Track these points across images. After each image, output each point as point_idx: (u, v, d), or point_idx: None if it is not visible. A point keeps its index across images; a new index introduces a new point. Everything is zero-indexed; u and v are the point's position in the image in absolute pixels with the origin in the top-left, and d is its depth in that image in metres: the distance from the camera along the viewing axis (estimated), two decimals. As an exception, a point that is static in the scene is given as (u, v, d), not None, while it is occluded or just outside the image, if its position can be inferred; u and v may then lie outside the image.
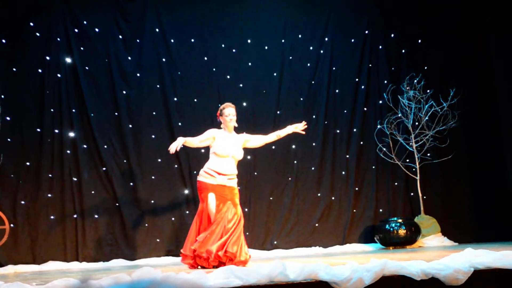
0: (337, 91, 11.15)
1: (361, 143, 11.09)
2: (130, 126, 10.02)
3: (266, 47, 10.93)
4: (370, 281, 4.40)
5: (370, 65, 11.32)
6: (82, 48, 9.95)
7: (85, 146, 9.76)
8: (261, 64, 10.85)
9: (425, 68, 11.26)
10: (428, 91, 10.75)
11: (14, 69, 9.49)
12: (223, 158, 7.03)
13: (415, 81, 10.80)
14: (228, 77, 10.54)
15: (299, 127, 7.56)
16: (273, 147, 10.60)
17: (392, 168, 11.02)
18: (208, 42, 10.62)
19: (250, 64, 10.79)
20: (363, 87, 11.22)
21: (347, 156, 11.01)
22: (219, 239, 6.69)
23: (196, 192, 10.07)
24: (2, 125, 8.94)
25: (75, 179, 9.61)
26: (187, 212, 10.03)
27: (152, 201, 9.93)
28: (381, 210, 10.96)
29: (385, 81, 11.25)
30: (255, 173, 10.37)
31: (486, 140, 11.16)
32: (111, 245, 9.63)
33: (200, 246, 6.73)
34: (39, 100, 9.61)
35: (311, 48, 11.16)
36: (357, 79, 11.24)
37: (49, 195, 9.44)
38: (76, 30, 9.94)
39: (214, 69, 10.52)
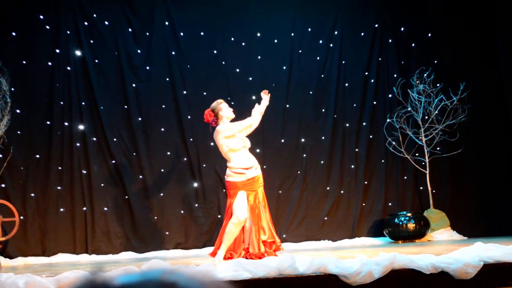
0: (346, 84, 11.13)
1: (371, 137, 11.07)
2: (140, 119, 10.04)
3: (275, 41, 10.91)
4: (379, 274, 4.40)
5: (380, 58, 11.28)
6: (91, 41, 9.96)
7: (94, 139, 9.78)
8: (270, 58, 10.83)
9: (435, 62, 11.20)
10: (438, 85, 10.70)
11: (24, 62, 9.52)
12: (239, 151, 7.04)
13: (425, 75, 10.75)
14: (237, 70, 10.54)
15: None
16: (282, 140, 10.62)
17: (401, 162, 11.00)
18: (217, 36, 10.60)
19: (259, 57, 10.77)
20: (372, 81, 11.19)
21: (356, 150, 11.00)
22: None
23: (206, 186, 10.17)
24: (11, 118, 8.96)
25: (84, 171, 9.64)
26: (196, 205, 10.06)
27: (161, 194, 9.96)
28: (390, 204, 10.94)
29: (395, 75, 11.21)
30: (264, 167, 10.35)
31: (496, 134, 11.12)
32: (120, 238, 9.66)
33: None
34: (48, 93, 9.63)
35: (320, 41, 11.13)
36: (366, 73, 11.21)
37: (59, 187, 9.48)
38: (85, 23, 9.95)
39: (223, 63, 10.52)
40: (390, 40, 11.34)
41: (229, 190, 7.04)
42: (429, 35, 11.40)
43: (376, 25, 11.30)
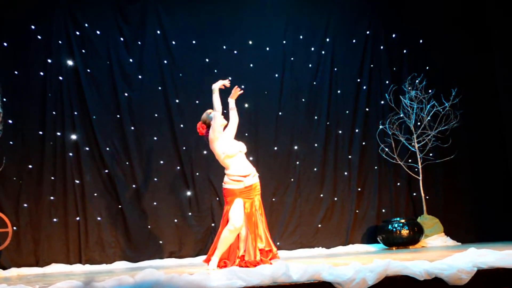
0: (338, 91, 11.15)
1: (363, 143, 11.09)
2: (132, 128, 10.02)
3: (267, 48, 10.93)
4: (373, 281, 4.40)
5: (372, 65, 11.31)
6: (83, 51, 9.96)
7: (87, 148, 9.76)
8: (263, 66, 10.84)
9: (427, 68, 11.25)
10: (430, 91, 10.74)
11: (16, 72, 9.50)
12: (235, 157, 7.01)
13: (417, 81, 10.80)
14: (230, 78, 10.48)
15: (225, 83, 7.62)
16: (275, 148, 10.63)
17: (394, 168, 11.02)
18: (209, 44, 10.61)
19: (251, 65, 10.79)
20: (364, 87, 11.21)
21: (350, 156, 11.01)
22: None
23: (200, 195, 10.16)
24: (4, 128, 8.94)
25: (77, 181, 9.62)
26: (190, 214, 10.04)
27: (155, 203, 9.94)
28: (383, 211, 10.95)
29: (387, 82, 11.24)
30: (258, 174, 10.36)
31: (488, 139, 11.15)
32: (114, 247, 9.63)
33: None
34: (41, 103, 9.62)
35: (312, 49, 11.16)
36: (358, 80, 11.24)
37: (52, 198, 9.45)
38: (77, 33, 9.95)
39: (215, 71, 10.51)
40: (381, 47, 11.37)
41: (226, 197, 7.01)
42: (421, 41, 11.45)
43: (368, 32, 11.34)
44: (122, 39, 10.22)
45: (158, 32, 10.39)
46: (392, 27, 11.47)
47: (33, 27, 9.70)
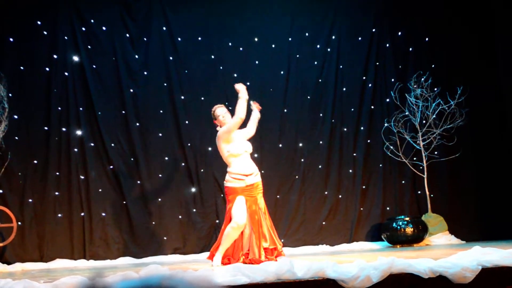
0: (344, 89, 11.14)
1: (368, 141, 11.08)
2: (137, 124, 10.03)
3: (273, 46, 10.92)
4: (377, 279, 4.40)
5: (377, 63, 11.29)
6: (89, 47, 9.96)
7: (92, 144, 9.77)
8: (268, 63, 10.84)
9: (432, 66, 11.22)
10: (435, 89, 10.73)
11: (22, 68, 9.51)
12: (240, 156, 7.03)
13: (422, 79, 10.77)
14: (235, 75, 10.52)
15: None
16: (280, 145, 10.62)
17: (399, 166, 11.01)
18: (215, 41, 10.61)
19: (257, 62, 10.79)
20: (370, 85, 11.20)
21: (354, 154, 11.00)
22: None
23: (204, 191, 10.16)
24: (9, 124, 8.95)
25: (82, 177, 9.62)
26: (194, 210, 10.05)
27: (159, 199, 9.95)
28: (388, 208, 10.94)
29: (392, 79, 11.23)
30: (262, 171, 10.32)
31: (494, 138, 11.14)
32: (118, 243, 9.64)
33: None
34: (46, 98, 9.62)
35: (318, 46, 11.15)
36: (364, 77, 11.22)
37: (57, 193, 9.47)
38: (83, 29, 9.95)
39: (221, 68, 10.52)
40: (387, 45, 11.35)
41: (227, 196, 7.01)
42: (426, 39, 11.42)
43: (374, 30, 11.32)
44: (127, 35, 10.22)
45: (164, 28, 10.39)
46: (398, 25, 11.45)
47: (38, 22, 9.71)
